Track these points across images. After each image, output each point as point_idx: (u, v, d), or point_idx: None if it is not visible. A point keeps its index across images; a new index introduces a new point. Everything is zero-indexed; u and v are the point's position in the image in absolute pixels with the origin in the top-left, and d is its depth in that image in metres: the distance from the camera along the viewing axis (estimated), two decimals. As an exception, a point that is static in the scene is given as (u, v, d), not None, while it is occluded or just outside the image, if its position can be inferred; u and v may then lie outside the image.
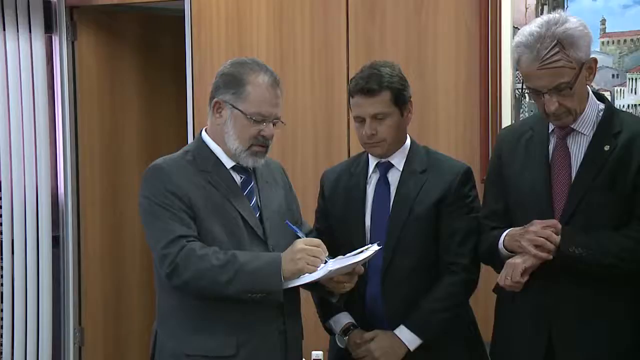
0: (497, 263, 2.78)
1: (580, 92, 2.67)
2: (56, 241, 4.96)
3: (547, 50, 2.59)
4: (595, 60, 2.69)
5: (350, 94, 2.99)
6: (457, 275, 2.93)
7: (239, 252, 2.69)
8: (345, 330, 3.00)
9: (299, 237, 2.80)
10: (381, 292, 2.95)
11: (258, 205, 2.85)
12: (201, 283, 2.66)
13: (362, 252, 2.74)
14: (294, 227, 2.84)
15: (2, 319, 4.72)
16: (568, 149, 2.74)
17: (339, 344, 3.01)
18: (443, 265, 2.95)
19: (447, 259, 2.94)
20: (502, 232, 2.77)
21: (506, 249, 2.73)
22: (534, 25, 2.66)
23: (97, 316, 5.13)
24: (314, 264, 2.66)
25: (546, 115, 2.69)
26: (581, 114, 2.70)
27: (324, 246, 2.72)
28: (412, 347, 2.90)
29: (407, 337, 2.90)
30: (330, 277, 2.70)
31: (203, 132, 2.90)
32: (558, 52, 2.60)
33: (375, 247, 2.75)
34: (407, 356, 2.91)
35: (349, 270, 2.74)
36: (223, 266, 2.64)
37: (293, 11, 4.23)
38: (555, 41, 2.59)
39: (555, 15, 2.68)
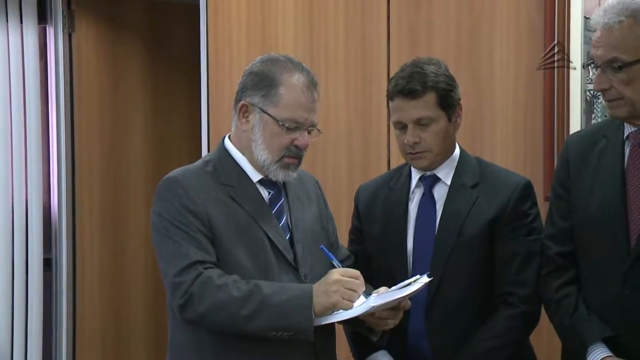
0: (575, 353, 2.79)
1: None
2: (48, 264, 5.00)
3: (613, 17, 2.64)
4: None
5: (390, 96, 3.00)
6: (516, 307, 2.93)
7: (264, 283, 2.68)
8: None
9: (335, 265, 2.79)
10: (425, 327, 2.96)
11: (288, 226, 2.85)
12: (219, 317, 2.66)
13: (409, 284, 2.73)
14: (329, 254, 2.83)
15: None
16: None
17: None
18: (498, 296, 2.96)
19: (504, 289, 2.95)
20: (595, 345, 2.72)
21: None
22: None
23: (95, 353, 5.16)
24: (351, 298, 2.65)
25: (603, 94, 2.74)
26: None
27: (362, 279, 2.72)
28: None
29: None
30: (371, 312, 2.70)
31: (226, 139, 2.90)
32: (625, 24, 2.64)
33: (425, 279, 2.75)
34: None
35: (394, 305, 2.74)
36: (245, 298, 2.63)
37: (326, 1, 4.24)
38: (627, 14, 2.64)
39: None
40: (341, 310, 2.66)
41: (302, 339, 2.66)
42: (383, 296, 2.70)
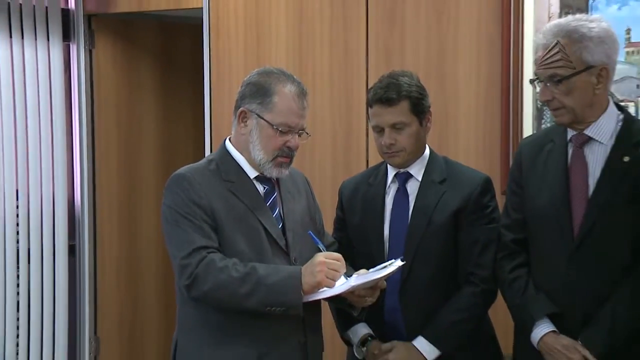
0: (524, 326, 2.81)
1: (584, 94, 2.69)
2: (72, 250, 4.98)
3: (550, 39, 2.68)
4: (606, 69, 2.70)
5: (369, 103, 3.01)
6: (477, 286, 2.94)
7: (259, 265, 2.68)
8: (363, 341, 3.02)
9: (320, 249, 2.80)
10: (399, 303, 2.98)
11: (281, 216, 2.85)
12: (220, 295, 2.67)
13: (385, 267, 2.74)
14: (316, 238, 2.84)
15: (18, 327, 4.73)
16: (585, 158, 2.74)
17: (357, 355, 3.03)
18: (462, 276, 2.97)
19: (467, 270, 2.96)
20: (541, 320, 2.75)
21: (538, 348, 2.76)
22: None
23: (113, 326, 5.15)
24: (333, 277, 2.67)
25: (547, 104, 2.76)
26: (591, 120, 2.72)
27: (344, 261, 2.73)
28: (430, 359, 2.92)
29: (426, 349, 2.92)
30: (352, 290, 2.71)
31: (227, 141, 2.90)
32: (561, 44, 2.66)
33: (399, 263, 2.75)
34: None
35: (372, 285, 2.75)
36: (242, 279, 2.64)
37: (312, 19, 4.24)
38: (562, 35, 2.67)
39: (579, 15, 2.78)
40: (327, 289, 2.67)
41: (292, 314, 2.66)
42: (363, 277, 2.70)
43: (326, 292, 2.68)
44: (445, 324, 2.93)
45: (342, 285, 2.68)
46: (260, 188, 2.85)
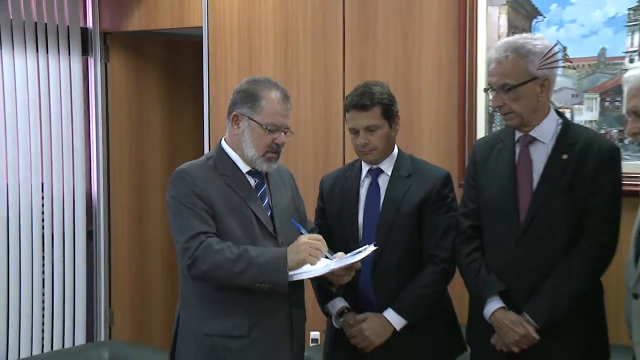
0: (478, 302, 2.81)
1: (529, 101, 2.69)
2: (90, 235, 4.98)
3: (502, 54, 2.68)
4: (548, 80, 2.70)
5: (346, 109, 2.98)
6: (438, 265, 2.92)
7: (251, 247, 2.66)
8: (340, 313, 3.00)
9: (302, 234, 2.78)
10: (372, 281, 2.95)
11: (270, 205, 2.82)
12: (216, 273, 2.64)
13: (360, 252, 2.73)
14: (298, 225, 2.82)
15: (44, 301, 4.72)
16: (530, 156, 2.74)
17: (335, 324, 3.01)
18: (426, 257, 2.95)
19: (430, 252, 2.94)
20: (492, 298, 2.74)
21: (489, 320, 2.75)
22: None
23: (125, 300, 5.14)
24: (316, 255, 2.65)
25: (499, 110, 2.76)
26: (535, 123, 2.71)
27: (325, 241, 2.71)
28: (398, 327, 2.90)
29: (394, 319, 2.90)
30: (332, 272, 2.70)
31: (222, 141, 2.87)
32: (510, 58, 2.66)
33: (372, 248, 2.74)
34: (393, 335, 2.91)
35: (349, 266, 2.73)
36: (236, 259, 2.61)
37: (297, 38, 4.22)
38: (511, 50, 2.67)
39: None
40: (312, 270, 2.64)
41: (279, 290, 2.64)
42: (341, 261, 2.69)
43: (311, 273, 2.65)
44: (411, 298, 2.91)
45: (323, 267, 2.66)
46: (252, 181, 2.82)
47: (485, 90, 2.81)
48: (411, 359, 2.95)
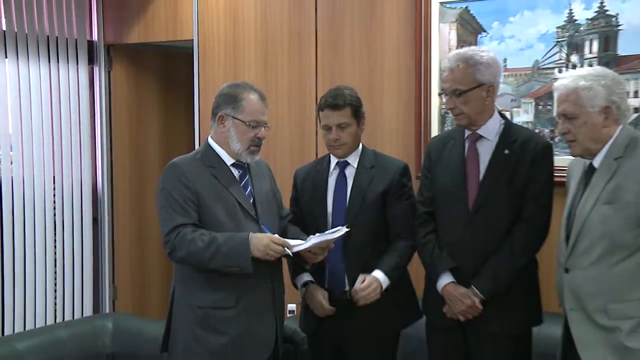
0: (432, 277, 2.80)
1: (477, 104, 2.68)
2: (95, 221, 4.92)
3: (453, 63, 2.68)
4: (492, 86, 2.70)
5: (320, 108, 2.95)
6: (407, 241, 2.90)
7: (220, 234, 2.63)
8: (304, 284, 2.97)
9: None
10: (342, 259, 2.91)
11: (252, 193, 2.80)
12: (191, 260, 2.65)
13: (335, 231, 2.72)
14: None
15: (56, 278, 4.67)
16: (477, 150, 2.73)
17: (300, 293, 3.00)
18: (393, 236, 2.92)
19: (396, 231, 2.92)
20: (444, 273, 2.72)
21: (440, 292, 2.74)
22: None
23: (127, 277, 5.08)
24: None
25: (451, 111, 2.75)
26: (482, 123, 2.71)
27: (289, 244, 2.67)
28: (384, 285, 2.85)
29: (382, 278, 2.85)
30: (310, 249, 2.68)
31: (209, 138, 2.84)
32: (461, 67, 2.66)
33: (344, 229, 2.73)
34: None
35: (324, 245, 2.72)
36: (206, 247, 2.60)
37: (275, 50, 4.18)
38: (462, 60, 2.67)
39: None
40: (300, 244, 2.66)
41: (245, 271, 2.61)
42: (320, 237, 2.69)
43: (299, 247, 2.66)
44: (390, 265, 2.87)
45: (307, 242, 2.68)
46: (236, 172, 2.80)
47: (439, 94, 2.80)
48: (373, 322, 2.90)
